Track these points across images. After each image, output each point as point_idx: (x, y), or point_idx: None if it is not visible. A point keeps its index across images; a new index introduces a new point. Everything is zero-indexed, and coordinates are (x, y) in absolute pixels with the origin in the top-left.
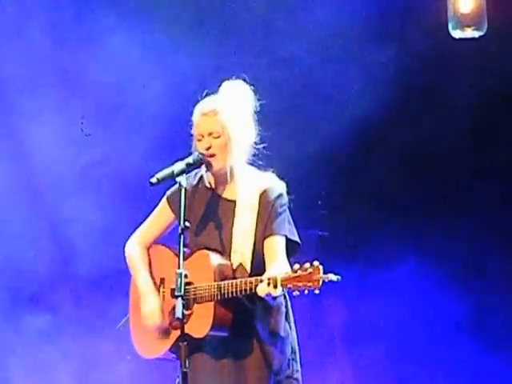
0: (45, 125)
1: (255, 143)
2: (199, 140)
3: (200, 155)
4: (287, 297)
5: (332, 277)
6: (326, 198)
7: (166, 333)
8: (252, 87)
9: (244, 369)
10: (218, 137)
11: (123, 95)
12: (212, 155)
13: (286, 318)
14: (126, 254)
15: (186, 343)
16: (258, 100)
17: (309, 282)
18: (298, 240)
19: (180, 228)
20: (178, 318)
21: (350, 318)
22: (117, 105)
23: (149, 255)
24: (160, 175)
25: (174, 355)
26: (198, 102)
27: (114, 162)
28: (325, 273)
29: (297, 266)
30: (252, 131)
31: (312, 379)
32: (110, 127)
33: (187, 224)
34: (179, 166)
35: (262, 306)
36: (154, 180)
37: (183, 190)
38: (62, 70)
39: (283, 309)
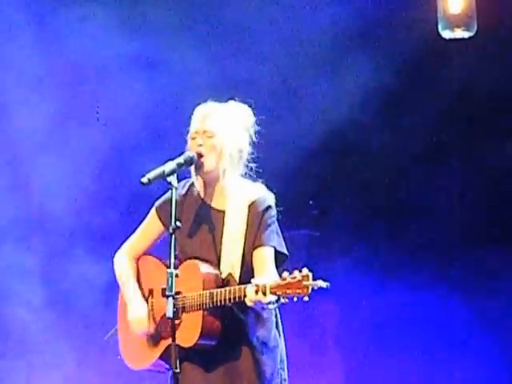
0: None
1: (247, 161)
2: (193, 138)
3: (191, 155)
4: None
5: (321, 283)
6: (317, 197)
7: (155, 342)
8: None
9: (234, 378)
10: (212, 137)
11: (115, 97)
12: (202, 154)
13: (276, 327)
14: (115, 266)
15: (176, 343)
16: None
17: (298, 289)
18: (286, 252)
19: (171, 228)
20: (168, 318)
21: (342, 319)
22: (108, 107)
23: (137, 266)
24: (151, 175)
25: (166, 366)
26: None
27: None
28: (314, 279)
29: (286, 274)
30: (246, 146)
31: (303, 381)
32: (100, 128)
33: (178, 224)
34: (170, 165)
35: (254, 316)
36: (144, 180)
37: (174, 190)
38: (54, 68)
39: (273, 318)
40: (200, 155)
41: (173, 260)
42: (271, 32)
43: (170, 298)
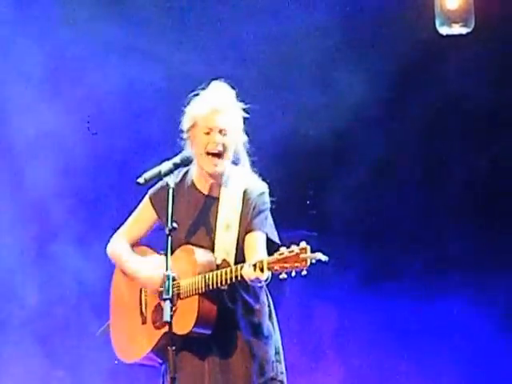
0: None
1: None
2: (207, 133)
3: (188, 155)
4: (269, 297)
5: (320, 256)
6: (314, 198)
7: (148, 333)
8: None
9: (228, 370)
10: (225, 135)
11: (106, 93)
12: (219, 154)
13: (270, 319)
14: (110, 250)
15: (174, 348)
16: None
17: (296, 262)
18: (278, 241)
19: (167, 229)
20: (165, 322)
21: (339, 322)
22: (101, 102)
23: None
24: (147, 175)
25: (159, 360)
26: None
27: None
28: (312, 252)
29: (283, 249)
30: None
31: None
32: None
33: (175, 225)
34: (166, 165)
35: (244, 306)
36: (141, 180)
37: (171, 191)
38: (47, 64)
39: (266, 309)
40: (217, 154)
41: (169, 263)
42: (259, 31)
43: (167, 302)
